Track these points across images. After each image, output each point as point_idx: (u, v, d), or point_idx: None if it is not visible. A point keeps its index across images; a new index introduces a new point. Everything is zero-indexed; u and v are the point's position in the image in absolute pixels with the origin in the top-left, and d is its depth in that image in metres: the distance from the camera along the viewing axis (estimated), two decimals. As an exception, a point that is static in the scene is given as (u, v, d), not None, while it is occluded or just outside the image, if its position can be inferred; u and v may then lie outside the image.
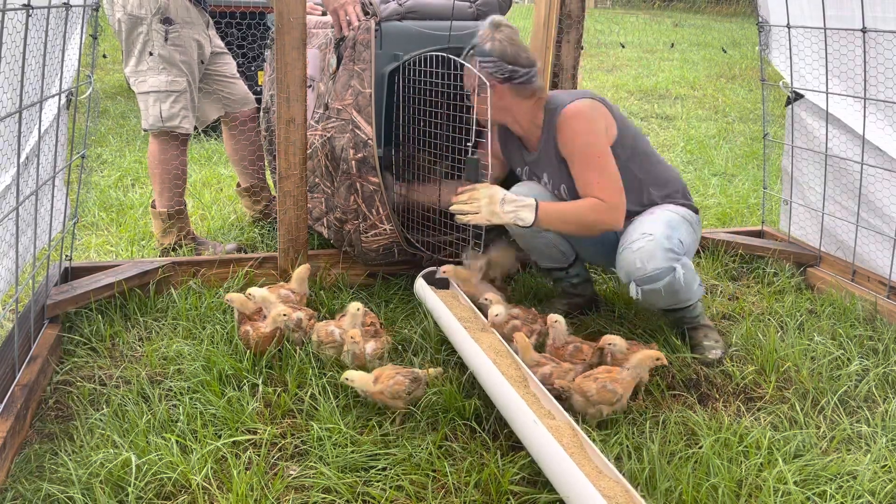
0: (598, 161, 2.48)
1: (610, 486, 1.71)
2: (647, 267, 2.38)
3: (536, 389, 2.11)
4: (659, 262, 2.37)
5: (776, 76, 3.51)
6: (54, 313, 2.57)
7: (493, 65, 2.51)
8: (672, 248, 2.41)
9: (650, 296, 2.43)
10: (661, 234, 2.43)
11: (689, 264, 2.48)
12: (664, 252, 2.38)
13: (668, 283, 2.38)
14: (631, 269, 2.42)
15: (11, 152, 2.08)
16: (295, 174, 2.88)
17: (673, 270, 2.38)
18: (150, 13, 3.13)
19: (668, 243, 2.41)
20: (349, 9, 2.83)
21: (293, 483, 1.92)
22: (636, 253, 2.40)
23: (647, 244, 2.40)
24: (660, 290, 2.39)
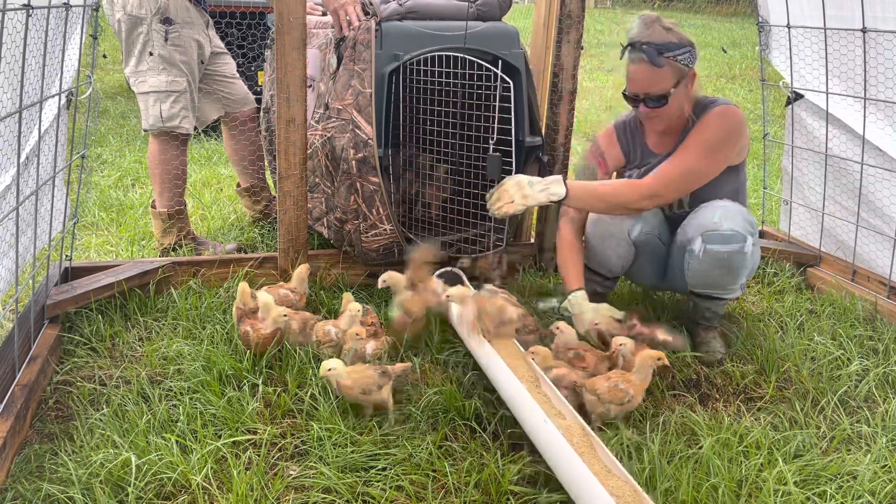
0: (700, 156, 2.44)
1: (619, 485, 1.72)
2: (723, 224, 2.35)
3: (548, 389, 2.11)
4: (737, 225, 2.36)
5: (776, 76, 3.51)
6: (54, 313, 2.57)
7: (688, 54, 2.43)
8: (751, 221, 2.42)
9: (709, 259, 2.38)
10: (746, 209, 2.46)
11: (758, 250, 2.47)
12: (745, 220, 2.38)
13: (736, 250, 2.35)
14: (706, 222, 2.39)
15: (11, 152, 2.08)
16: (295, 174, 2.88)
17: (745, 240, 2.36)
18: (150, 13, 3.13)
19: (749, 216, 2.42)
20: (349, 9, 2.83)
21: (293, 483, 1.92)
22: (718, 209, 2.39)
23: (732, 206, 2.40)
24: (724, 254, 2.36)
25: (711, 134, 2.46)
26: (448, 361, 2.51)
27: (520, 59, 3.02)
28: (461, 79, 2.92)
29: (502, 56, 2.94)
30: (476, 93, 3.03)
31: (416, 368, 2.44)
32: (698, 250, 2.40)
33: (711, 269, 2.43)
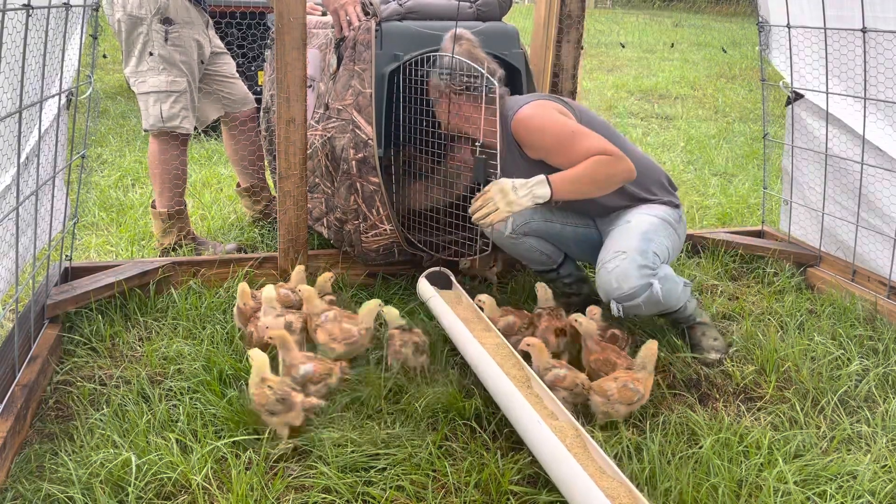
0: (572, 136, 2.48)
1: (613, 486, 1.71)
2: (623, 287, 2.37)
3: (539, 390, 2.11)
4: (634, 282, 2.36)
5: (776, 76, 3.51)
6: (54, 313, 2.57)
7: (449, 77, 2.59)
8: (647, 263, 2.39)
9: (632, 310, 2.43)
10: (635, 249, 2.41)
11: (669, 273, 2.46)
12: (638, 270, 2.37)
13: (647, 298, 2.38)
14: (608, 289, 2.42)
15: (11, 152, 2.08)
16: (295, 174, 2.88)
17: (650, 286, 2.37)
18: (150, 13, 3.13)
19: (642, 259, 2.39)
20: (349, 9, 2.83)
21: (293, 483, 1.92)
22: (612, 273, 2.40)
23: (622, 263, 2.39)
24: (640, 305, 2.40)
25: (548, 132, 2.51)
26: (448, 361, 2.51)
27: (520, 59, 3.02)
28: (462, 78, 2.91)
29: (502, 56, 2.94)
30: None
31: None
32: (618, 311, 2.43)
33: (644, 311, 2.45)
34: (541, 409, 1.98)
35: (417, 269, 3.12)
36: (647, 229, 2.50)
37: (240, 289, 2.56)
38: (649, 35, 13.94)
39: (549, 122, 2.52)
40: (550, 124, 2.51)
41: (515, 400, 2.00)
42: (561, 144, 2.49)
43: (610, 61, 10.76)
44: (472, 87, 2.60)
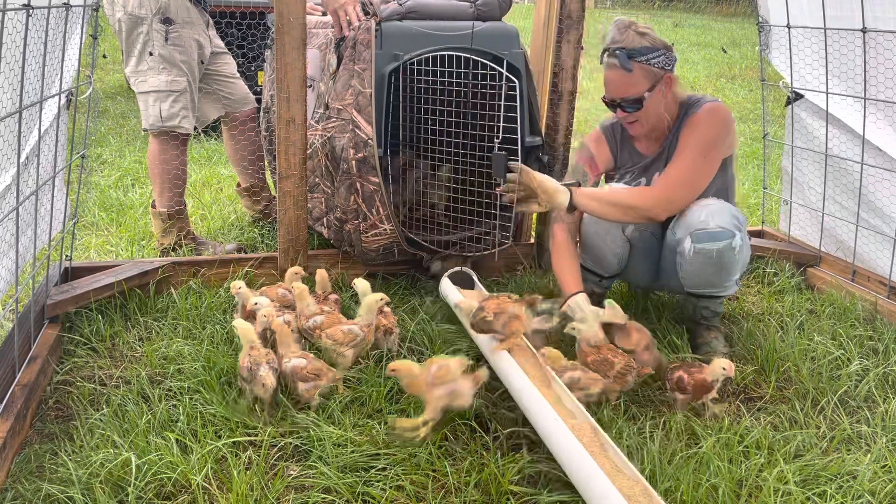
0: (699, 157, 2.44)
1: (629, 485, 1.72)
2: (710, 222, 2.35)
3: (558, 389, 2.12)
4: (725, 222, 2.36)
5: (776, 76, 3.51)
6: (54, 313, 2.57)
7: (663, 57, 2.44)
8: (738, 217, 2.42)
9: (699, 257, 2.39)
10: (732, 205, 2.46)
11: (748, 245, 2.47)
12: (731, 216, 2.39)
13: (725, 247, 2.35)
14: (693, 221, 2.39)
15: (11, 152, 2.08)
16: (295, 174, 2.88)
17: (733, 236, 2.36)
18: (151, 13, 3.13)
19: (736, 212, 2.43)
20: (349, 9, 2.83)
21: (293, 483, 1.92)
22: (705, 208, 2.39)
23: (717, 204, 2.40)
24: (713, 252, 2.36)
25: (704, 133, 2.46)
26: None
27: (520, 59, 3.02)
28: (461, 78, 2.92)
29: (502, 56, 2.94)
30: (476, 92, 3.03)
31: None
32: (688, 250, 2.40)
33: (703, 268, 2.43)
34: (559, 409, 1.99)
35: (417, 268, 3.12)
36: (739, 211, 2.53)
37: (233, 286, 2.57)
38: (649, 35, 13.92)
39: (716, 130, 2.47)
40: (714, 130, 2.46)
41: (533, 398, 2.02)
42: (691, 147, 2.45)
43: (610, 61, 10.73)
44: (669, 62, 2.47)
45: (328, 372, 2.23)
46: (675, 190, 2.44)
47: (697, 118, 2.49)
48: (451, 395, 2.01)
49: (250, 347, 2.21)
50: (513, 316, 2.28)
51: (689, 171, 2.45)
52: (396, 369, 2.06)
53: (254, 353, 2.19)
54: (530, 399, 2.04)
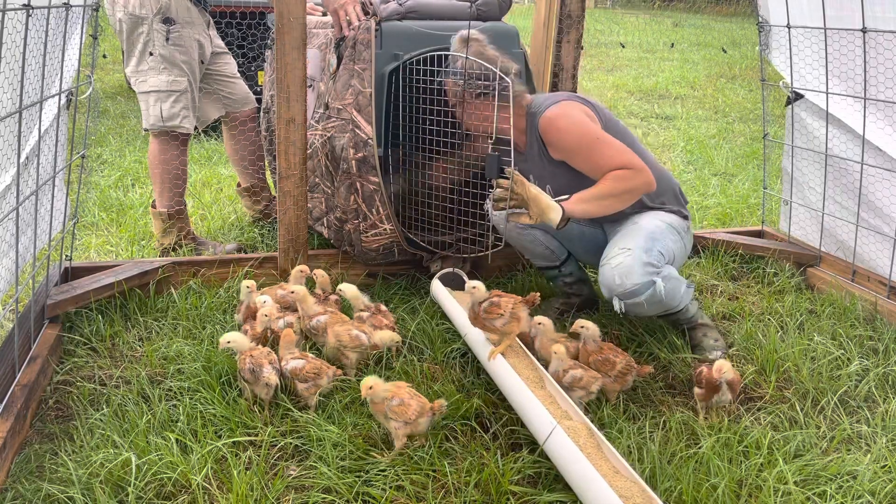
0: (597, 143, 2.47)
1: (627, 486, 1.71)
2: (626, 283, 2.37)
3: (553, 390, 2.11)
4: (637, 278, 2.36)
5: (776, 76, 3.51)
6: (54, 313, 2.57)
7: (464, 82, 2.56)
8: (651, 261, 2.39)
9: (634, 308, 2.42)
10: (640, 247, 2.41)
11: (672, 273, 2.46)
12: (642, 266, 2.37)
13: (650, 296, 2.37)
14: (611, 284, 2.41)
15: (11, 152, 2.08)
16: (295, 174, 2.88)
17: (653, 284, 2.36)
18: (151, 13, 3.13)
19: (646, 257, 2.39)
20: (349, 9, 2.83)
21: (293, 483, 1.92)
22: (615, 269, 2.39)
23: (626, 259, 2.39)
24: (642, 303, 2.39)
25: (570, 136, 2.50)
26: (448, 361, 2.51)
27: (520, 58, 3.02)
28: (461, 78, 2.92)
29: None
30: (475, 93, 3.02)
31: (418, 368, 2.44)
32: (620, 308, 2.42)
33: (641, 312, 2.45)
34: (554, 410, 1.99)
35: (417, 268, 3.12)
36: (654, 230, 2.50)
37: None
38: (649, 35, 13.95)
39: (576, 124, 2.51)
40: (576, 127, 2.50)
41: (528, 400, 2.01)
42: (584, 149, 2.49)
43: (610, 61, 10.76)
44: (487, 91, 2.58)
45: (327, 370, 2.23)
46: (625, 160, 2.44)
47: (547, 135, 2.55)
48: (409, 427, 2.01)
49: (250, 349, 2.22)
50: (513, 317, 2.28)
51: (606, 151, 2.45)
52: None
53: (255, 354, 2.19)
54: (524, 401, 2.04)
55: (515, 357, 2.27)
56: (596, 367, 2.30)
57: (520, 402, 2.06)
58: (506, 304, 2.28)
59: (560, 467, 1.84)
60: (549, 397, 2.08)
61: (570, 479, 1.80)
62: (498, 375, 2.21)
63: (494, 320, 2.27)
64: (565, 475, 1.82)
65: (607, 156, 2.45)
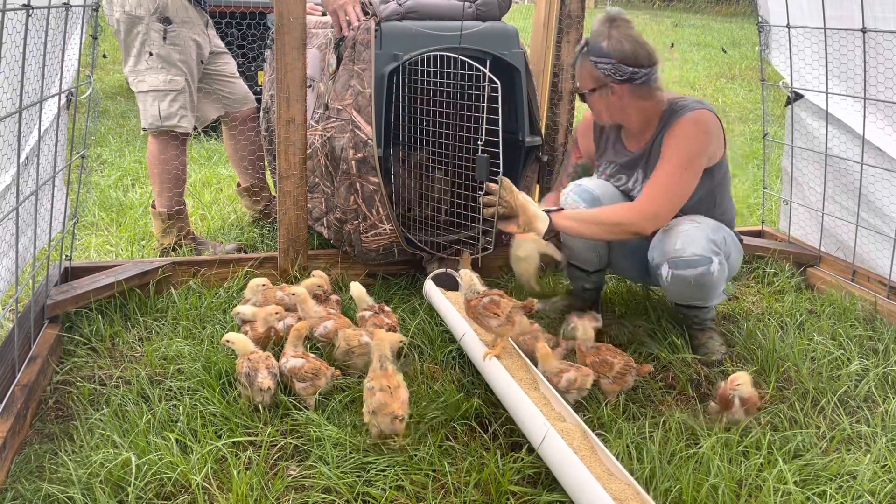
0: (680, 169, 2.39)
1: (621, 488, 1.71)
2: (687, 250, 2.33)
3: (546, 391, 2.11)
4: (699, 249, 2.33)
5: (776, 76, 3.51)
6: (54, 313, 2.57)
7: (611, 66, 2.39)
8: (716, 240, 2.39)
9: (677, 282, 2.38)
10: (710, 226, 2.41)
11: (725, 265, 2.44)
12: (707, 241, 2.35)
13: (702, 273, 2.33)
14: (669, 248, 2.36)
15: (11, 152, 2.08)
16: (295, 174, 2.88)
17: (710, 262, 2.34)
18: (149, 13, 3.13)
19: (713, 234, 2.39)
20: (349, 9, 2.83)
21: (293, 483, 1.92)
22: (680, 234, 2.36)
23: (693, 229, 2.36)
24: (690, 278, 2.34)
25: (685, 144, 2.41)
26: (448, 361, 2.51)
27: (520, 58, 3.02)
28: (460, 79, 2.92)
29: (501, 55, 2.94)
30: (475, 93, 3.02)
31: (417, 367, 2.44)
32: (666, 275, 2.40)
33: (683, 290, 2.44)
34: (548, 412, 1.98)
35: (417, 268, 3.12)
36: (721, 227, 2.50)
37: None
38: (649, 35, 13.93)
39: (699, 140, 2.41)
40: (696, 140, 2.40)
41: (522, 402, 2.01)
42: (673, 157, 2.40)
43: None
44: (637, 76, 2.41)
45: (326, 371, 2.23)
46: (658, 203, 2.40)
47: (680, 128, 2.43)
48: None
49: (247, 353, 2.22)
50: (509, 320, 2.27)
51: (671, 183, 2.40)
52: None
53: (252, 357, 2.19)
54: (518, 403, 2.03)
55: (509, 359, 2.26)
56: (594, 368, 2.30)
57: (514, 404, 2.05)
58: (505, 305, 2.27)
59: (555, 470, 1.83)
60: (542, 399, 2.07)
61: (564, 482, 1.79)
62: (492, 377, 2.20)
63: (490, 319, 2.27)
64: (560, 478, 1.81)
65: (662, 181, 2.39)
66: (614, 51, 2.38)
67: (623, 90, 2.44)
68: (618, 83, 2.42)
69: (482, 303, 2.28)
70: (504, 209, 2.49)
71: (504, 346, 2.29)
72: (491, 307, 2.26)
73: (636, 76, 2.41)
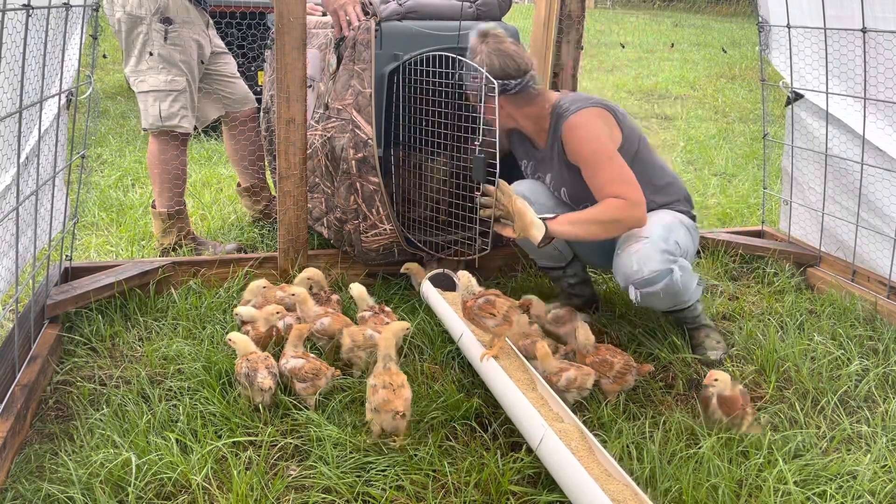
0: (608, 163, 2.44)
1: (619, 489, 1.70)
2: (643, 270, 2.36)
3: (544, 392, 2.11)
4: (655, 265, 2.35)
5: (776, 76, 3.51)
6: (54, 313, 2.57)
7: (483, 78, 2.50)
8: (668, 249, 2.39)
9: (649, 299, 2.41)
10: (658, 235, 2.41)
11: (687, 265, 2.46)
12: (661, 254, 2.36)
13: (666, 285, 2.36)
14: (628, 272, 2.40)
15: (11, 152, 2.08)
16: (295, 174, 2.88)
17: (670, 273, 2.36)
18: (150, 13, 3.13)
19: (664, 245, 2.39)
20: (349, 9, 2.83)
21: (293, 483, 1.92)
22: (633, 255, 2.38)
23: (644, 247, 2.38)
24: (658, 292, 2.37)
25: (587, 146, 2.46)
26: (448, 361, 2.51)
27: (520, 59, 3.02)
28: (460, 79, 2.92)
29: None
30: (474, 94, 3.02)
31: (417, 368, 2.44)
32: (635, 297, 2.41)
33: (656, 303, 2.45)
34: (546, 413, 1.98)
35: (417, 269, 3.12)
36: (669, 223, 2.50)
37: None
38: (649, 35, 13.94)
39: (594, 138, 2.46)
40: (593, 140, 2.46)
41: (519, 402, 2.00)
42: (593, 164, 2.45)
43: (610, 61, 10.75)
44: (508, 87, 2.50)
45: (326, 371, 2.23)
46: (628, 191, 2.41)
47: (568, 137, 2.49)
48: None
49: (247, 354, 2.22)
50: (505, 319, 2.26)
51: (613, 175, 2.42)
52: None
53: (252, 358, 2.19)
54: (515, 403, 2.03)
55: (507, 359, 2.26)
56: (594, 368, 2.30)
57: (511, 404, 2.05)
58: (501, 305, 2.27)
59: (552, 471, 1.83)
60: (540, 399, 2.07)
61: (562, 483, 1.79)
62: (490, 377, 2.20)
63: (486, 319, 2.26)
64: (558, 479, 1.81)
65: (610, 179, 2.42)
66: (483, 64, 2.49)
67: (502, 100, 2.53)
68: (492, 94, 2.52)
69: (478, 303, 2.28)
70: (500, 212, 2.50)
71: (502, 346, 2.29)
72: (487, 307, 2.26)
73: (508, 87, 2.50)
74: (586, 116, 2.49)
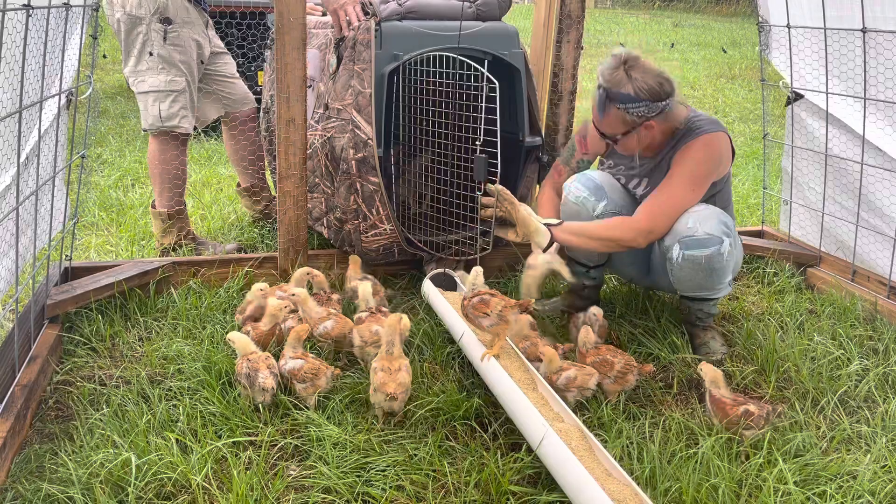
0: (683, 189, 2.43)
1: (619, 488, 1.71)
2: (698, 230, 2.35)
3: (545, 391, 2.11)
4: (711, 228, 2.35)
5: (776, 76, 3.51)
6: (54, 313, 2.57)
7: (644, 107, 2.37)
8: (727, 222, 2.41)
9: (688, 264, 2.39)
10: (720, 210, 2.44)
11: (734, 252, 2.46)
12: (719, 222, 2.38)
13: (714, 253, 2.35)
14: (681, 227, 2.38)
15: (11, 152, 2.08)
16: (295, 174, 2.88)
17: (721, 242, 2.36)
18: (150, 13, 3.13)
19: (724, 217, 2.42)
20: (349, 9, 2.83)
21: (293, 483, 1.92)
22: (692, 214, 2.38)
23: (706, 209, 2.39)
24: (701, 259, 2.36)
25: (696, 166, 2.45)
26: (448, 361, 2.51)
27: (520, 58, 3.02)
28: (460, 79, 2.92)
29: (501, 56, 2.94)
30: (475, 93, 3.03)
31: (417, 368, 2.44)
32: (676, 256, 2.41)
33: (693, 273, 2.44)
34: (546, 412, 1.98)
35: (417, 268, 3.12)
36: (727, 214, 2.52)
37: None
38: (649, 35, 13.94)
39: (707, 160, 2.45)
40: (704, 164, 2.45)
41: (520, 402, 2.00)
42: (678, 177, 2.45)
43: (610, 61, 10.73)
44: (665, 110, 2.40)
45: (326, 371, 2.23)
46: (655, 221, 2.44)
47: (693, 149, 2.46)
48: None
49: (247, 354, 2.23)
50: (501, 318, 2.26)
51: (673, 203, 2.44)
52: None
53: (252, 358, 2.19)
54: (516, 403, 2.03)
55: (507, 359, 2.26)
56: (594, 368, 2.30)
57: (512, 404, 2.05)
58: (495, 304, 2.26)
59: (552, 470, 1.83)
60: (541, 399, 2.07)
61: (562, 483, 1.79)
62: (490, 377, 2.20)
63: (481, 318, 2.26)
64: (558, 478, 1.81)
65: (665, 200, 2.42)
66: (642, 91, 2.36)
67: (656, 122, 2.44)
68: (653, 118, 2.42)
69: (472, 302, 2.28)
70: (501, 213, 2.50)
71: (502, 345, 2.29)
72: (480, 307, 2.26)
73: (667, 106, 2.42)
74: (721, 142, 2.48)
